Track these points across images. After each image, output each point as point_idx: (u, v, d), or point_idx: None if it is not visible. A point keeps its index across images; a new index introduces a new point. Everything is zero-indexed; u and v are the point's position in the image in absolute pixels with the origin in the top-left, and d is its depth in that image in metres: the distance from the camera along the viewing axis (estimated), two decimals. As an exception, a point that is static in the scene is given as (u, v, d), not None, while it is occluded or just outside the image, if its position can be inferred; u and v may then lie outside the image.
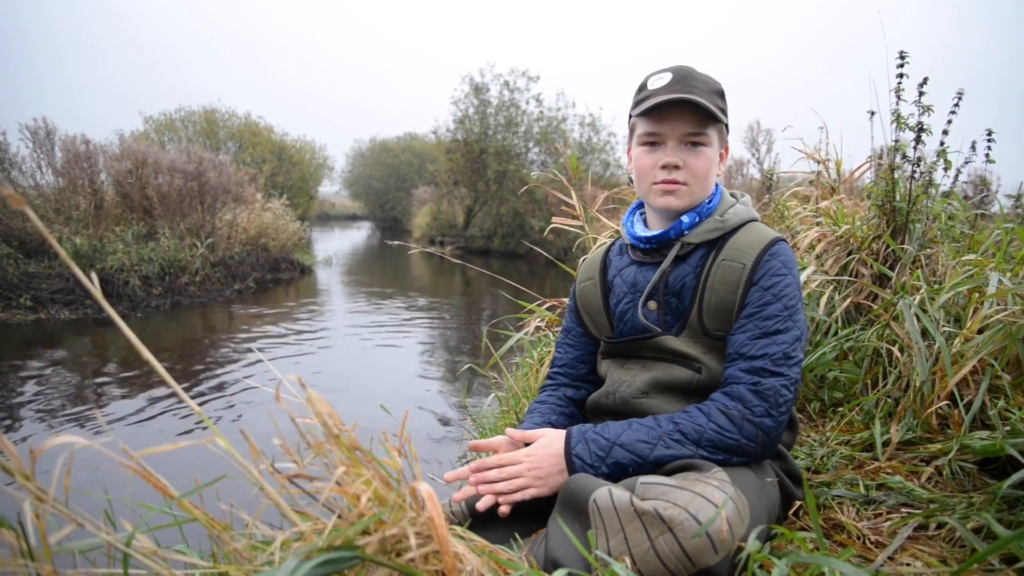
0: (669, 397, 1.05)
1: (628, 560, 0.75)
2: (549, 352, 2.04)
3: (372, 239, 19.99)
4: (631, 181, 1.21)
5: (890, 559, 0.88)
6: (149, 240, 7.33)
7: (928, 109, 1.79)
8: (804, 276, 1.81)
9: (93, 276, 0.48)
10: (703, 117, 1.02)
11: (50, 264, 6.34)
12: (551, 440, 0.98)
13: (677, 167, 1.04)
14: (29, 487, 0.51)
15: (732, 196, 1.13)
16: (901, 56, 1.80)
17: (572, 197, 2.13)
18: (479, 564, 0.61)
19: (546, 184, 2.35)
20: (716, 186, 1.11)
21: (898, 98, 1.84)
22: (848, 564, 0.56)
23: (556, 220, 2.12)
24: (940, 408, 1.33)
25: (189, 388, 3.83)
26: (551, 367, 1.28)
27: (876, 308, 1.73)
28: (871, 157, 2.24)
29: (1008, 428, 1.20)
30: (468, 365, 4.05)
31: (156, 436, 3.03)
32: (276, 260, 9.30)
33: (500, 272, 2.57)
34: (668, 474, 0.90)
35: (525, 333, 2.16)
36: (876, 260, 1.90)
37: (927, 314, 1.47)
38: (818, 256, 2.00)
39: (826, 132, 2.42)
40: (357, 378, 4.20)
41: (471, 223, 16.40)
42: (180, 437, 3.03)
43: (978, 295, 1.52)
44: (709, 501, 0.77)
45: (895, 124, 1.86)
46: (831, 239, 2.02)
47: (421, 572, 0.55)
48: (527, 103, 15.21)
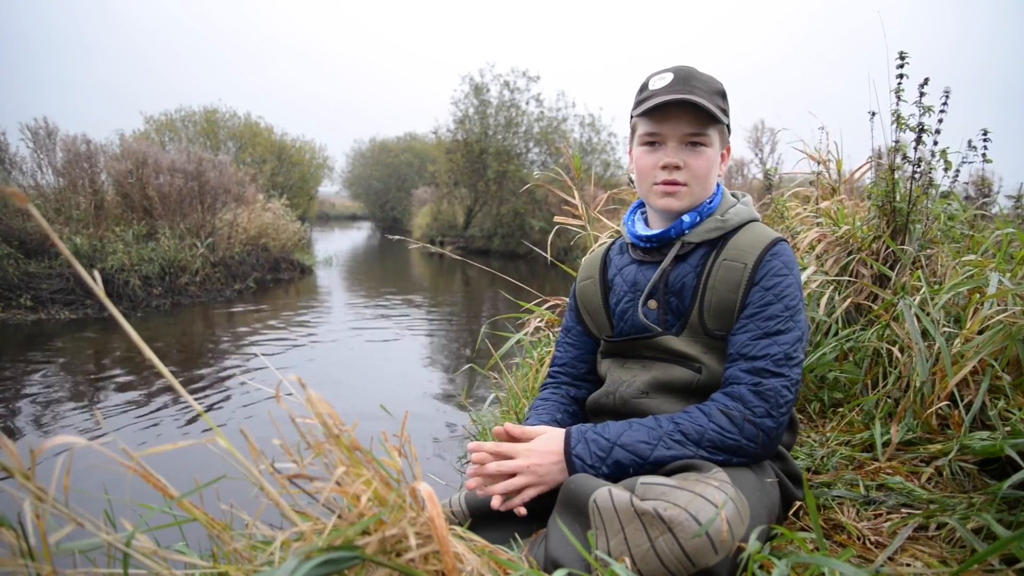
0: (669, 397, 1.05)
1: (628, 560, 0.75)
2: (549, 352, 2.04)
3: (372, 239, 19.99)
4: (631, 181, 1.21)
5: (890, 559, 0.88)
6: (149, 240, 7.33)
7: (929, 110, 1.79)
8: (804, 276, 1.81)
9: (96, 274, 0.48)
10: (704, 118, 1.02)
11: (50, 264, 6.34)
12: (551, 439, 0.97)
13: (678, 167, 1.04)
14: (29, 487, 0.51)
15: (733, 196, 1.13)
16: (901, 56, 1.80)
17: (575, 197, 2.13)
18: (479, 564, 0.61)
19: (548, 184, 2.35)
20: (717, 186, 1.11)
21: (898, 98, 1.85)
22: (848, 564, 0.56)
23: (559, 219, 2.12)
24: (940, 408, 1.33)
25: (189, 388, 3.83)
26: (551, 366, 1.28)
27: (876, 308, 1.73)
28: (871, 157, 2.24)
29: (1008, 428, 1.20)
30: (468, 365, 4.06)
31: (156, 436, 3.03)
32: (276, 260, 9.30)
33: (500, 272, 2.56)
34: (668, 474, 0.90)
35: (525, 333, 2.16)
36: (876, 260, 1.90)
37: (927, 314, 1.47)
38: (818, 256, 2.00)
39: (826, 133, 2.42)
40: (357, 378, 4.20)
41: (471, 223, 16.39)
42: (180, 437, 3.03)
43: (978, 296, 1.52)
44: (709, 501, 0.77)
45: (895, 124, 1.86)
46: (831, 239, 2.02)
47: (421, 572, 0.55)
48: (527, 103, 15.21)
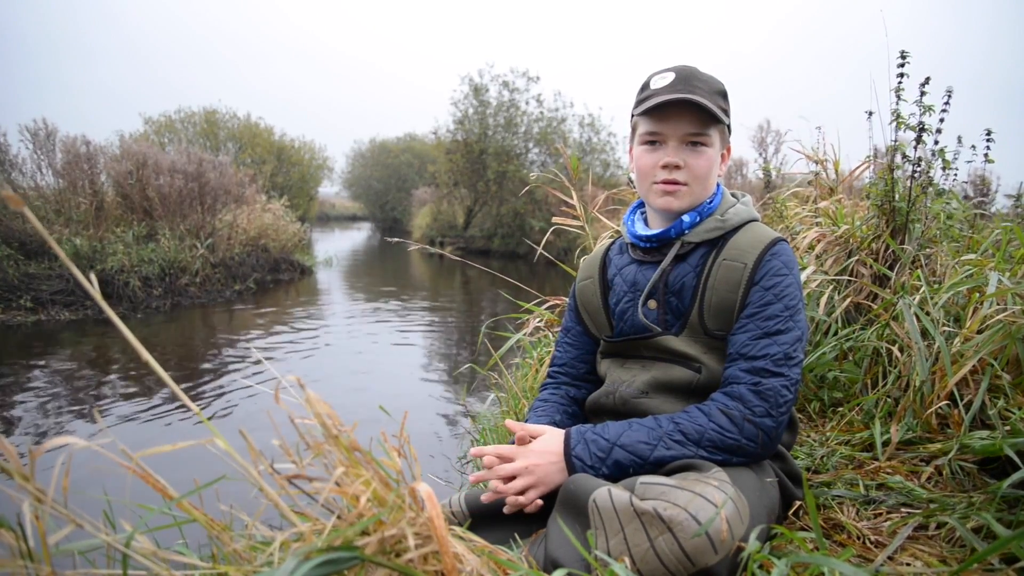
0: (669, 397, 1.05)
1: (628, 560, 0.75)
2: (549, 352, 2.04)
3: (372, 240, 19.99)
4: (631, 181, 1.21)
5: (890, 559, 0.88)
6: (149, 241, 7.33)
7: (929, 109, 1.79)
8: (804, 276, 1.81)
9: (92, 277, 0.48)
10: (705, 117, 1.02)
11: (50, 265, 6.34)
12: (550, 440, 0.97)
13: (678, 167, 1.04)
14: (28, 488, 0.51)
15: (733, 196, 1.13)
16: (902, 56, 1.80)
17: (573, 197, 2.13)
18: (479, 564, 0.61)
19: (546, 184, 2.34)
20: (717, 186, 1.11)
21: (898, 98, 1.84)
22: (848, 564, 0.56)
23: (557, 220, 2.12)
24: (940, 408, 1.33)
25: (188, 389, 3.83)
26: (551, 366, 1.27)
27: (876, 308, 1.73)
28: (869, 157, 2.24)
29: (1008, 428, 1.20)
30: (468, 365, 4.05)
31: (155, 437, 3.03)
32: (276, 261, 9.29)
33: (500, 272, 2.56)
34: (668, 474, 0.90)
35: (525, 333, 2.16)
36: (876, 260, 1.90)
37: (927, 314, 1.47)
38: (818, 256, 2.00)
39: (823, 133, 2.43)
40: (356, 379, 4.20)
41: (471, 223, 16.39)
42: (179, 438, 3.03)
43: (978, 295, 1.52)
44: (709, 501, 0.77)
45: (895, 124, 1.86)
46: (831, 239, 2.02)
47: (420, 572, 0.55)
48: (526, 103, 15.21)
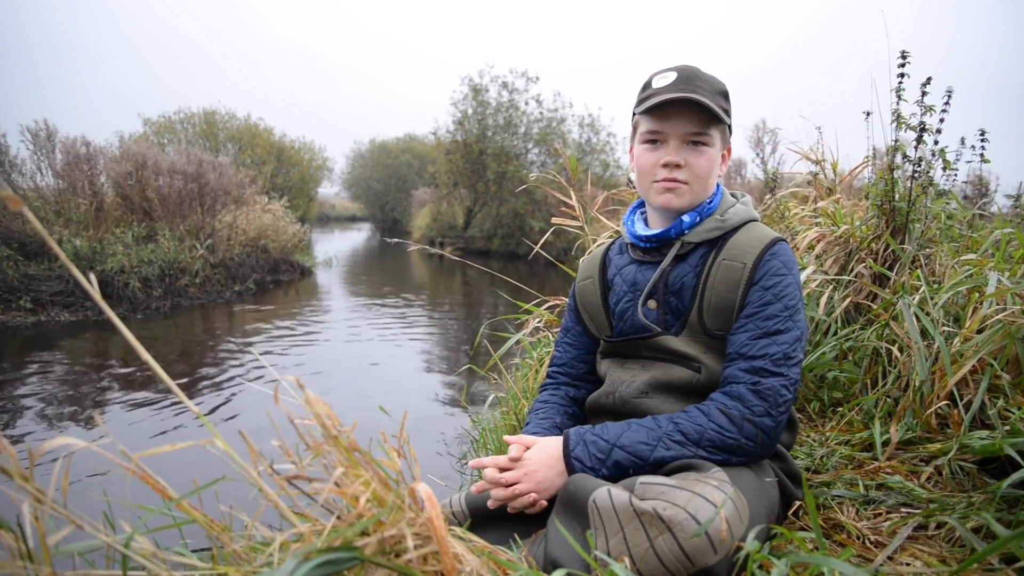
0: (669, 397, 1.05)
1: (627, 560, 0.75)
2: (549, 352, 2.04)
3: (372, 240, 19.99)
4: (630, 181, 1.21)
5: (890, 559, 0.88)
6: (149, 242, 7.33)
7: (930, 109, 1.79)
8: (804, 276, 1.82)
9: (92, 277, 0.48)
10: (706, 117, 1.02)
11: (50, 266, 6.34)
12: (549, 444, 0.97)
13: (679, 166, 1.04)
14: (28, 488, 0.51)
15: (733, 196, 1.13)
16: (902, 56, 1.80)
17: (572, 198, 2.13)
18: (478, 565, 0.61)
19: (546, 184, 2.35)
20: (717, 186, 1.11)
21: (899, 98, 1.84)
22: (847, 564, 0.56)
23: (556, 220, 2.12)
24: (940, 408, 1.33)
25: (188, 389, 3.83)
26: (550, 366, 1.27)
27: (876, 308, 1.73)
28: (867, 157, 2.24)
29: (1008, 428, 1.20)
30: (468, 365, 4.05)
31: (155, 438, 3.03)
32: (276, 261, 9.29)
33: (500, 272, 2.56)
34: (668, 474, 0.90)
35: (524, 333, 2.16)
36: (875, 260, 1.90)
37: (927, 314, 1.47)
38: (818, 256, 2.00)
39: (821, 133, 2.43)
40: (356, 379, 4.20)
41: (471, 224, 16.39)
42: (179, 439, 3.03)
43: (977, 295, 1.52)
44: (708, 501, 0.77)
45: (895, 124, 1.86)
46: (830, 239, 2.02)
47: (420, 573, 0.55)
48: (526, 104, 15.21)
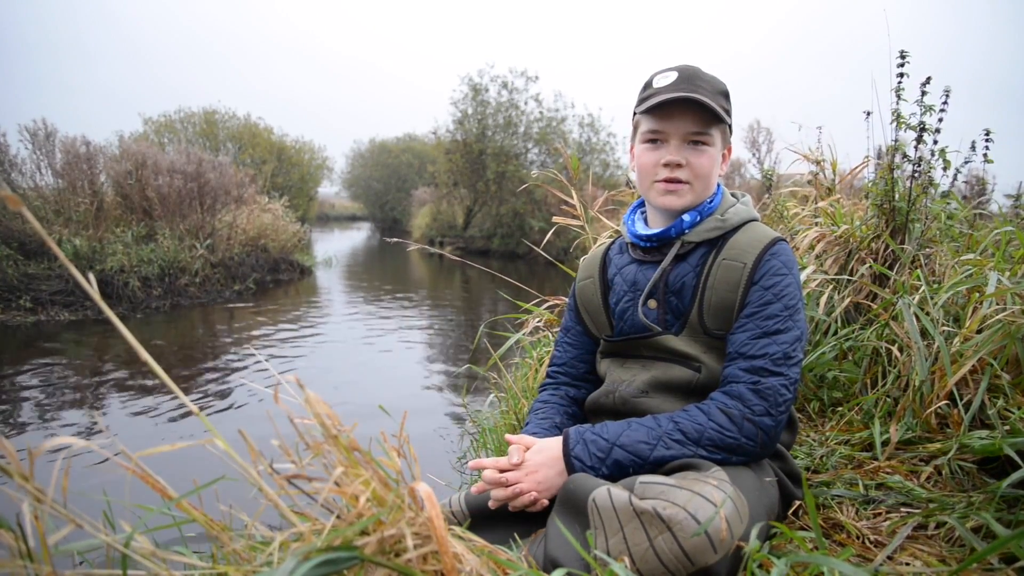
0: (669, 396, 1.05)
1: (627, 560, 0.75)
2: (548, 352, 2.04)
3: (372, 240, 19.98)
4: (630, 182, 1.21)
5: (889, 559, 0.88)
6: (149, 241, 7.33)
7: (930, 109, 1.79)
8: (804, 276, 1.82)
9: (91, 277, 0.48)
10: (707, 117, 1.02)
11: (49, 266, 6.33)
12: (548, 444, 0.97)
13: (679, 165, 1.04)
14: (28, 488, 0.51)
15: (733, 196, 1.13)
16: (902, 55, 1.80)
17: (573, 197, 2.13)
18: (478, 564, 0.61)
19: (546, 184, 2.35)
20: (718, 186, 1.11)
21: (898, 98, 1.84)
22: (847, 564, 0.56)
23: (557, 219, 2.12)
24: (939, 408, 1.33)
25: (188, 389, 3.83)
26: (550, 366, 1.27)
27: (875, 308, 1.73)
28: (867, 157, 2.24)
29: (1007, 428, 1.20)
30: (467, 365, 4.06)
31: (155, 437, 3.03)
32: (276, 261, 9.30)
33: (499, 272, 2.56)
34: (667, 474, 0.90)
35: (524, 333, 2.16)
36: (875, 260, 1.90)
37: (926, 314, 1.47)
38: (818, 256, 2.00)
39: (820, 133, 2.43)
40: (356, 378, 4.20)
41: (471, 223, 16.39)
42: (179, 438, 3.03)
43: (977, 295, 1.52)
44: (708, 500, 0.77)
45: (895, 124, 1.86)
46: (831, 239, 2.02)
47: (420, 572, 0.55)
48: (526, 103, 15.21)
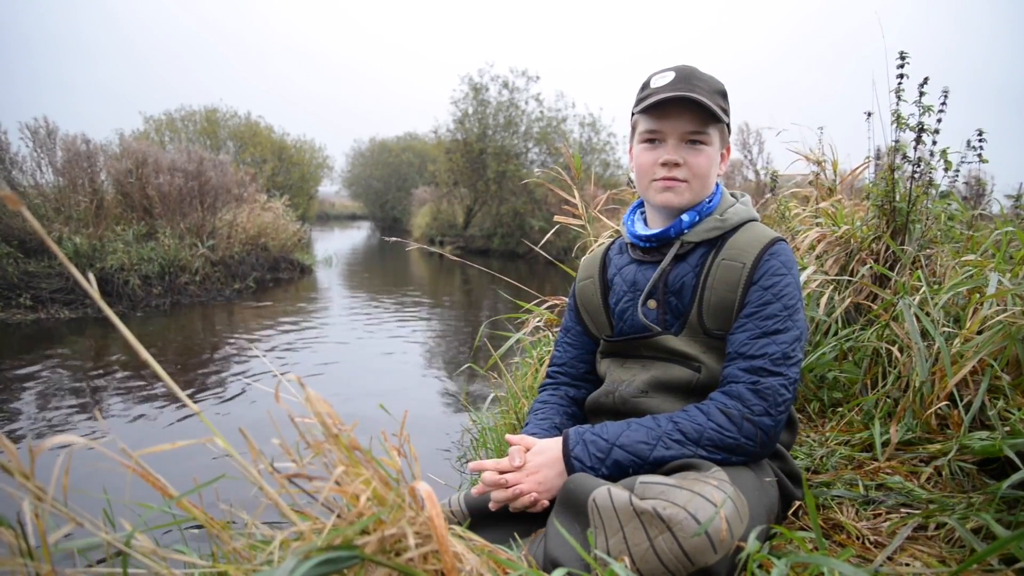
0: (668, 396, 1.05)
1: (627, 559, 0.75)
2: (549, 351, 2.04)
3: (372, 239, 19.98)
4: (631, 181, 1.21)
5: (889, 559, 0.88)
6: (149, 239, 7.32)
7: (929, 109, 1.79)
8: (804, 276, 1.82)
9: (91, 276, 0.48)
10: (704, 116, 1.02)
11: (50, 264, 6.33)
12: (548, 444, 0.98)
13: (677, 164, 1.04)
14: (28, 486, 0.51)
15: (732, 196, 1.13)
16: (901, 56, 1.80)
17: (574, 196, 2.13)
18: (478, 564, 0.61)
19: (548, 182, 2.35)
20: (716, 186, 1.11)
21: (898, 98, 1.84)
22: (847, 564, 0.56)
23: (559, 218, 2.12)
24: (940, 408, 1.33)
25: (188, 388, 3.83)
26: (550, 366, 1.27)
27: (876, 308, 1.73)
28: (868, 158, 2.24)
29: (1007, 428, 1.20)
30: (468, 365, 4.06)
31: (155, 436, 3.03)
32: (276, 260, 9.29)
33: (500, 272, 2.56)
34: (667, 474, 0.90)
35: (524, 333, 2.16)
36: (876, 260, 1.90)
37: (927, 314, 1.47)
38: (818, 256, 2.00)
39: (821, 133, 2.43)
40: (356, 377, 4.20)
41: (471, 223, 16.38)
42: (180, 437, 3.03)
43: (978, 296, 1.52)
44: (708, 500, 0.77)
45: (895, 124, 1.86)
46: (831, 239, 2.02)
47: (420, 572, 0.55)
48: (526, 103, 15.20)
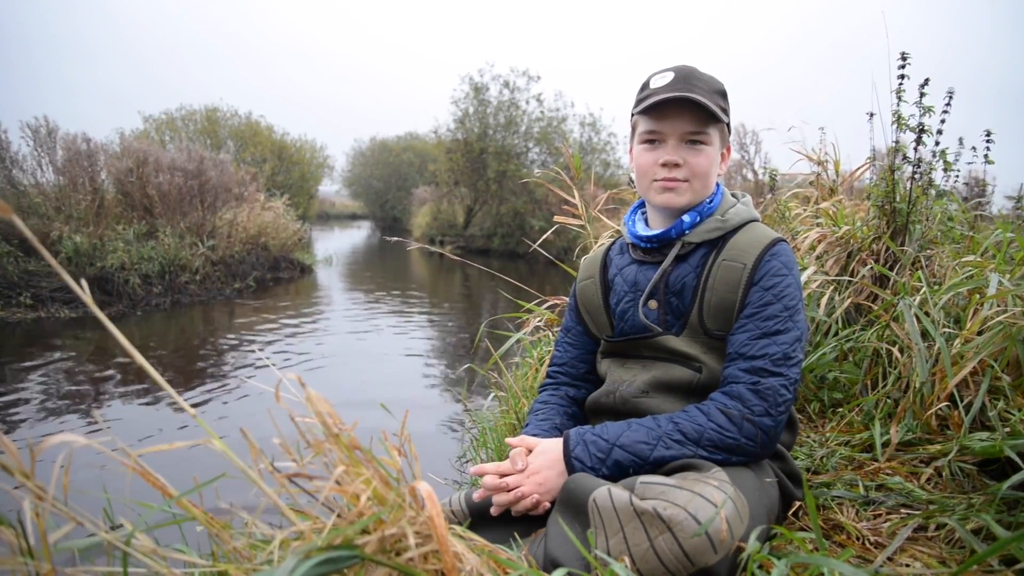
0: (669, 396, 1.05)
1: (627, 560, 0.75)
2: (549, 351, 2.04)
3: (372, 238, 19.98)
4: (631, 181, 1.21)
5: (889, 560, 0.88)
6: (149, 239, 7.33)
7: (929, 110, 1.79)
8: (805, 277, 1.81)
9: (83, 282, 0.48)
10: (704, 116, 1.02)
11: (50, 263, 6.33)
12: (549, 445, 0.98)
13: (677, 165, 1.04)
14: (29, 485, 0.51)
15: (733, 196, 1.13)
16: (902, 57, 1.80)
17: (574, 196, 2.13)
18: (478, 563, 0.61)
19: (548, 182, 2.34)
20: (717, 186, 1.11)
21: (899, 99, 1.84)
22: (847, 565, 0.56)
23: (559, 218, 2.12)
24: (940, 409, 1.33)
25: (188, 386, 3.83)
26: (550, 366, 1.27)
27: (876, 309, 1.73)
28: (869, 158, 2.24)
29: (1008, 429, 1.20)
30: (468, 364, 4.06)
31: (155, 435, 3.03)
32: (276, 259, 9.30)
33: (500, 272, 2.56)
34: (668, 474, 0.90)
35: (524, 333, 2.16)
36: (876, 261, 1.90)
37: (927, 315, 1.47)
38: (819, 257, 2.00)
39: (822, 133, 2.43)
40: (357, 377, 4.20)
41: (471, 223, 16.38)
42: (180, 436, 3.03)
43: (978, 296, 1.52)
44: (708, 501, 0.77)
45: (895, 125, 1.86)
46: (831, 240, 2.02)
47: (420, 571, 0.55)
48: (527, 103, 15.20)
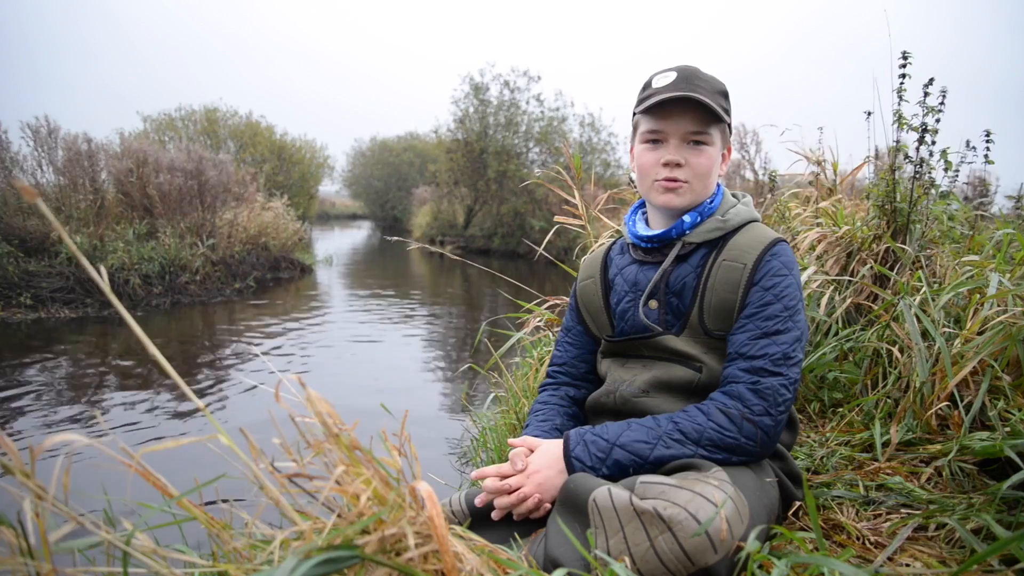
0: (669, 396, 1.05)
1: (627, 559, 0.75)
2: (549, 351, 2.04)
3: (372, 238, 19.98)
4: (632, 181, 1.21)
5: (889, 560, 0.88)
6: (150, 239, 7.33)
7: (932, 110, 1.79)
8: (805, 277, 1.81)
9: (102, 269, 0.48)
10: (706, 116, 1.02)
11: (50, 263, 6.34)
12: (549, 446, 0.98)
13: (679, 165, 1.04)
14: (29, 485, 0.51)
15: (733, 196, 1.13)
16: (904, 56, 1.80)
17: (575, 196, 2.13)
18: (478, 563, 0.61)
19: (548, 183, 2.35)
20: (718, 186, 1.11)
21: (900, 99, 1.84)
22: (847, 564, 0.56)
23: (559, 219, 2.12)
24: (940, 409, 1.33)
25: (189, 387, 3.83)
26: (550, 365, 1.27)
27: (876, 309, 1.73)
28: (868, 158, 2.24)
29: (1008, 429, 1.20)
30: (468, 364, 4.06)
31: (156, 435, 3.03)
32: (276, 259, 9.30)
33: (500, 272, 2.56)
34: (668, 474, 0.90)
35: (525, 333, 2.16)
36: (876, 261, 1.90)
37: (927, 315, 1.47)
38: (819, 257, 2.00)
39: (821, 133, 2.43)
40: (357, 377, 4.20)
41: (471, 223, 16.38)
42: (180, 436, 3.03)
43: (978, 296, 1.52)
44: (708, 500, 0.77)
45: (896, 125, 1.86)
46: (832, 240, 2.02)
47: (420, 571, 0.55)
48: (527, 103, 15.20)
